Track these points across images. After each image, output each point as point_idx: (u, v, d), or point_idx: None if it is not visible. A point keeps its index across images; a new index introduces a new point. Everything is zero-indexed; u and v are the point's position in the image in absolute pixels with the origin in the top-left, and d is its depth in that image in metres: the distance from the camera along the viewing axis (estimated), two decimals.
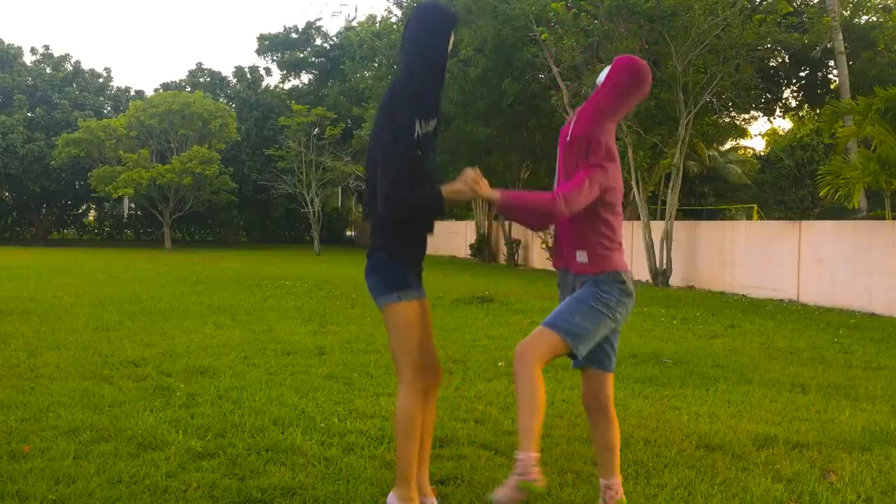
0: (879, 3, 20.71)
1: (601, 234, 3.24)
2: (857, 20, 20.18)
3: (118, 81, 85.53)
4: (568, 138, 3.29)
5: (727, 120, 24.01)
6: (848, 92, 17.09)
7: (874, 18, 20.35)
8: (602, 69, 3.38)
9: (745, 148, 37.87)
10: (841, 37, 17.51)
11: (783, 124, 38.86)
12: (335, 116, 30.53)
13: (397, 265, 3.21)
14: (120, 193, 29.64)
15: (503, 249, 25.60)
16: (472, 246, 27.54)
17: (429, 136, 3.19)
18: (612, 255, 3.27)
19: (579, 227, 3.25)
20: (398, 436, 3.20)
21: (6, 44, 33.77)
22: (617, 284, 3.25)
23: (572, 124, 3.30)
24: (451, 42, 3.26)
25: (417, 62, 3.18)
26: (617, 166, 3.28)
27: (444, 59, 3.25)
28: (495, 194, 3.10)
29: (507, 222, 24.93)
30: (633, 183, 17.33)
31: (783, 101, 22.83)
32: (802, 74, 21.56)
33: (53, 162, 30.50)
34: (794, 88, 22.38)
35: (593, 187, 3.13)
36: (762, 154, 35.36)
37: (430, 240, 3.41)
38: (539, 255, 22.39)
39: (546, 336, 3.14)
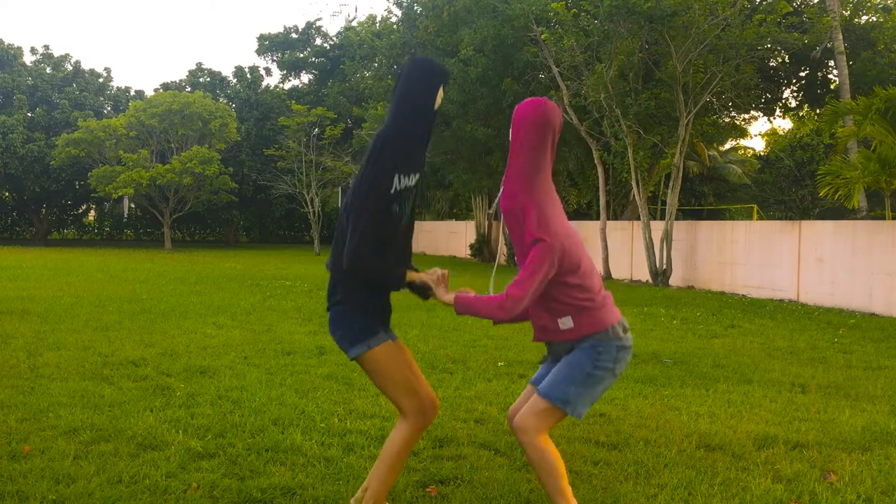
0: (879, 3, 20.70)
1: (576, 298, 3.06)
2: (857, 20, 20.16)
3: (118, 81, 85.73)
4: (502, 210, 3.13)
5: (727, 120, 23.99)
6: (848, 92, 17.08)
7: (874, 18, 20.33)
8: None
9: (745, 148, 37.88)
10: (841, 37, 17.50)
11: (783, 124, 38.88)
12: (335, 116, 30.54)
13: (358, 316, 3.13)
14: (120, 193, 29.64)
15: (503, 249, 25.60)
16: (472, 246, 27.55)
17: (408, 190, 3.13)
18: (598, 313, 3.07)
19: (552, 298, 3.07)
20: (384, 462, 3.17)
21: (6, 44, 33.74)
22: (613, 342, 3.08)
23: (500, 196, 3.11)
24: (440, 98, 3.21)
25: (407, 116, 3.12)
26: (557, 228, 3.02)
27: (433, 115, 3.20)
28: (450, 298, 3.06)
29: None
30: (634, 183, 17.34)
31: (783, 101, 22.81)
32: (802, 74, 21.54)
33: (53, 162, 30.50)
34: (794, 88, 22.36)
35: (539, 271, 2.94)
36: (762, 154, 35.37)
37: (430, 240, 3.42)
38: None
39: (542, 407, 3.05)
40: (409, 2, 26.86)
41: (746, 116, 25.04)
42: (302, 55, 39.96)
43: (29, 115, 32.87)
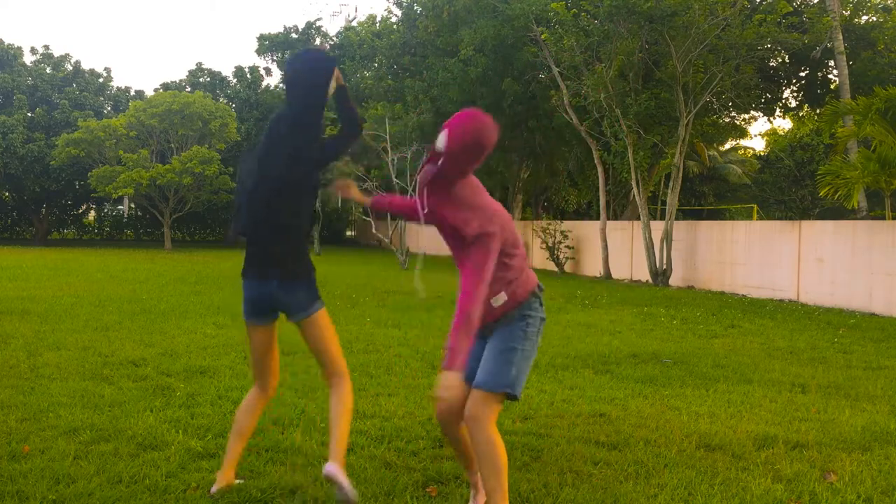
0: (879, 3, 20.69)
1: (509, 270, 3.13)
2: (857, 20, 20.16)
3: (118, 81, 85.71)
4: (424, 210, 3.17)
5: (727, 120, 24.01)
6: (848, 92, 17.08)
7: (874, 18, 20.32)
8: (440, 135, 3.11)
9: (745, 148, 37.86)
10: (841, 37, 17.50)
11: (783, 124, 38.88)
12: (335, 116, 30.51)
13: (314, 276, 3.60)
14: (120, 193, 29.62)
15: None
16: None
17: None
18: (525, 277, 3.19)
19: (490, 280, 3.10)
20: (348, 419, 3.46)
21: (6, 44, 33.71)
22: (537, 299, 3.21)
23: (424, 197, 3.15)
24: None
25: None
26: (487, 205, 3.11)
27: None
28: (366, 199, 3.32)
29: None
30: (634, 183, 17.35)
31: (783, 101, 22.81)
32: (802, 74, 21.54)
33: (53, 162, 30.48)
34: (794, 88, 22.36)
35: (488, 262, 3.01)
36: (762, 154, 35.36)
37: (430, 239, 3.53)
38: (538, 254, 22.39)
39: (489, 398, 3.11)
40: (409, 2, 26.86)
41: (746, 116, 25.05)
42: None
43: (29, 115, 32.85)
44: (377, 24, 36.46)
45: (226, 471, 3.54)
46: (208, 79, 38.14)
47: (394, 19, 32.03)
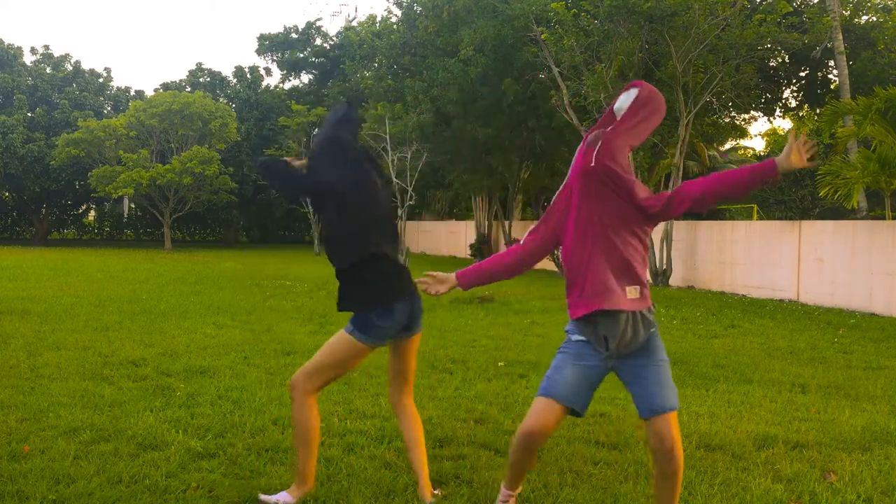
0: (879, 3, 20.69)
1: (645, 262, 2.99)
2: (857, 20, 20.16)
3: (118, 81, 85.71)
4: (592, 164, 2.96)
5: (727, 120, 24.00)
6: (848, 92, 17.07)
7: (874, 18, 20.33)
8: (623, 95, 3.07)
9: (745, 148, 37.83)
10: (841, 37, 17.49)
11: (783, 124, 38.87)
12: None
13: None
14: (120, 193, 29.63)
15: (503, 249, 25.55)
16: (472, 246, 27.53)
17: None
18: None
19: (627, 255, 2.91)
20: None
21: (6, 44, 33.72)
22: (653, 312, 3.05)
23: (597, 151, 2.98)
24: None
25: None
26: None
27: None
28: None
29: (506, 222, 24.93)
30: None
31: (783, 101, 22.81)
32: (802, 74, 21.54)
33: (53, 162, 30.49)
34: (794, 88, 22.36)
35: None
36: (762, 154, 35.34)
37: (430, 239, 3.52)
38: None
39: (676, 417, 2.99)
40: (409, 2, 26.85)
41: (746, 116, 25.04)
42: (302, 55, 39.95)
43: (29, 115, 32.86)
44: (377, 24, 36.42)
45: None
46: (208, 79, 38.15)
47: (394, 19, 32.02)
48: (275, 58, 40.32)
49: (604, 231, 2.90)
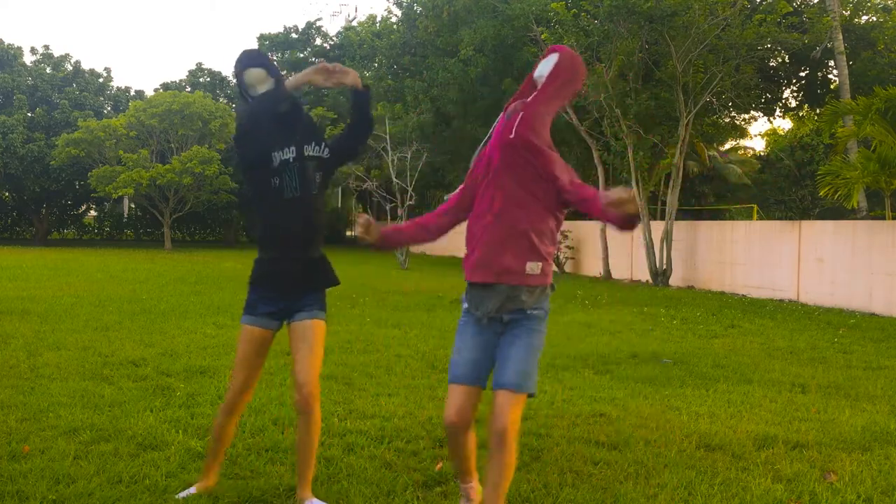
0: (879, 3, 20.70)
1: (553, 241, 2.91)
2: (857, 20, 20.17)
3: (118, 81, 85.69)
4: (512, 136, 2.91)
5: (727, 120, 24.00)
6: (848, 92, 17.08)
7: (874, 18, 20.34)
8: (542, 61, 3.06)
9: (746, 148, 37.83)
10: (841, 37, 17.50)
11: (783, 124, 38.87)
12: (335, 116, 30.53)
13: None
14: (120, 193, 29.61)
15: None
16: None
17: (286, 163, 3.45)
18: (551, 261, 2.99)
19: (543, 232, 2.87)
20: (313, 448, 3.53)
21: (6, 44, 33.70)
22: (552, 291, 3.01)
23: (517, 123, 2.93)
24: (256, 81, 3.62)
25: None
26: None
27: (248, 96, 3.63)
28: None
29: None
30: (634, 183, 17.33)
31: (783, 101, 22.82)
32: (802, 74, 21.55)
33: (53, 162, 30.48)
34: (794, 88, 22.37)
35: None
36: (762, 154, 35.34)
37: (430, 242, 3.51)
38: None
39: (521, 400, 2.93)
40: (409, 2, 26.86)
41: (746, 116, 25.06)
42: (302, 55, 39.98)
43: (29, 115, 32.84)
44: (377, 24, 36.47)
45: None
46: (208, 79, 38.17)
47: (394, 19, 32.05)
48: (275, 58, 40.34)
49: (513, 204, 2.89)
